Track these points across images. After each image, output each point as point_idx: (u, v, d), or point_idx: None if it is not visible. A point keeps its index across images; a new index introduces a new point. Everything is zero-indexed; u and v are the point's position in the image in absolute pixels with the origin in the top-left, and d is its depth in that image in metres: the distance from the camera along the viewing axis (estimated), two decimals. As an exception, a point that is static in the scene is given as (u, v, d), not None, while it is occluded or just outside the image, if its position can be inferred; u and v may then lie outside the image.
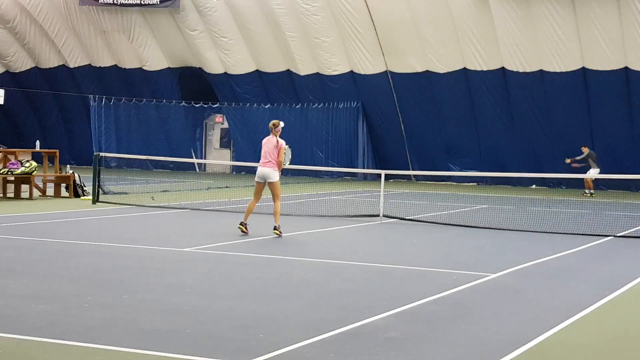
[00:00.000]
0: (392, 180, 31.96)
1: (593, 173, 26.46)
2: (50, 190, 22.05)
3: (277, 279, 10.32)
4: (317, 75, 33.56)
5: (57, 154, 22.90)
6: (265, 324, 7.73)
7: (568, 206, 22.90)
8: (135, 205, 19.56)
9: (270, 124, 14.71)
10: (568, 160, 27.08)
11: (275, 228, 14.44)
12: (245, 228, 14.54)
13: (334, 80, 33.29)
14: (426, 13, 30.30)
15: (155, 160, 32.36)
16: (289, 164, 15.58)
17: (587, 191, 26.75)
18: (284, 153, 14.66)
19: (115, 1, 35.26)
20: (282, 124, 14.73)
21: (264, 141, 14.79)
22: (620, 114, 29.06)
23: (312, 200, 21.94)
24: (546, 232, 16.10)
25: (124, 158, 33.57)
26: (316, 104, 33.75)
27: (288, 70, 34.23)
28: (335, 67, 32.99)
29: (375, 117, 33.20)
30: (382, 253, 13.23)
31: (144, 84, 37.31)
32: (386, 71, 32.36)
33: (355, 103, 33.05)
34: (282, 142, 14.62)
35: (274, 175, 14.45)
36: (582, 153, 27.14)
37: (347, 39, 32.18)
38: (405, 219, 17.91)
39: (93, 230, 15.08)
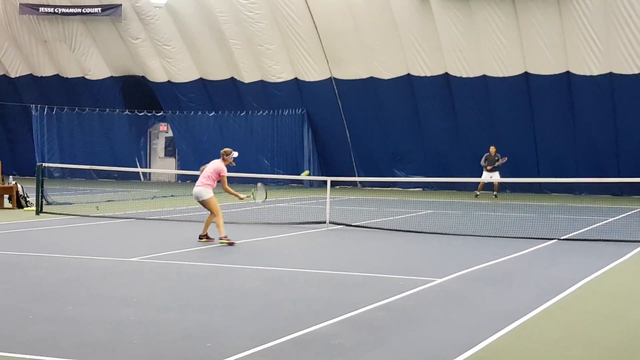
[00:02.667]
0: (338, 186, 32.07)
1: (498, 177, 27.09)
2: (-9, 202, 21.62)
3: (222, 289, 10.28)
4: (262, 82, 33.52)
5: (-1, 165, 22.49)
6: (211, 334, 7.69)
7: (513, 210, 23.23)
8: (79, 215, 19.30)
9: (222, 151, 14.95)
10: (503, 160, 27.47)
11: (220, 239, 14.43)
12: (207, 238, 14.70)
13: (279, 87, 33.29)
14: (369, 20, 30.49)
15: (99, 169, 31.91)
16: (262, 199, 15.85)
17: (478, 193, 27.38)
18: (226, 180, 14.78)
19: (56, 10, 34.75)
20: (235, 153, 14.92)
21: (210, 163, 14.94)
22: (563, 117, 29.56)
23: (257, 208, 21.88)
24: (491, 237, 16.30)
25: (68, 168, 33.06)
26: (261, 112, 33.71)
27: (232, 77, 34.13)
28: (279, 74, 32.99)
29: (320, 124, 33.28)
30: (329, 260, 13.26)
31: (86, 93, 36.83)
32: (330, 78, 32.47)
33: (300, 110, 33.09)
34: (224, 171, 14.65)
35: (205, 194, 14.62)
36: (492, 153, 27.43)
37: (291, 46, 32.21)
38: (351, 226, 17.98)
39: (37, 241, 14.84)
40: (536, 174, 29.49)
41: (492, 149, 27.47)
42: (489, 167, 27.11)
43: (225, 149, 14.98)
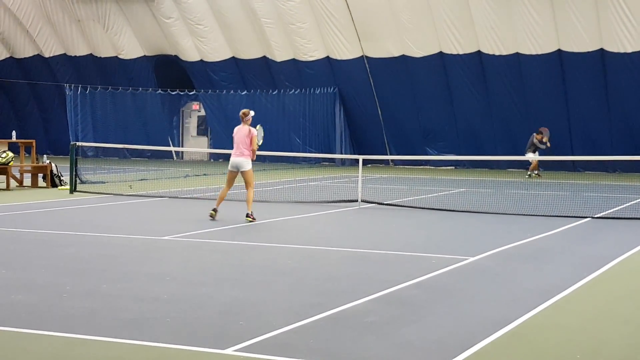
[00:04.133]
0: (369, 165, 32.02)
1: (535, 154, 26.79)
2: (27, 181, 21.88)
3: (256, 266, 10.32)
4: (294, 61, 33.47)
5: (34, 144, 22.73)
6: (245, 311, 7.73)
7: (546, 188, 23.03)
8: (113, 194, 19.47)
9: (241, 113, 14.87)
10: (548, 144, 27.21)
11: (247, 215, 14.52)
12: (215, 214, 14.66)
13: (311, 66, 33.22)
14: (402, -3, 30.28)
15: (132, 148, 32.15)
16: (262, 143, 15.60)
17: (535, 172, 27.03)
18: (256, 136, 14.87)
19: (89, -10, 34.94)
20: (252, 112, 14.92)
21: (235, 130, 14.95)
22: (597, 95, 29.22)
23: (289, 187, 21.92)
24: (524, 215, 16.19)
25: (101, 147, 33.34)
26: (293, 90, 33.69)
27: (264, 56, 34.12)
28: (311, 52, 32.92)
29: (352, 103, 33.20)
30: (361, 238, 13.25)
31: (119, 72, 37.06)
32: (362, 56, 32.33)
33: (332, 89, 33.01)
34: (253, 130, 14.80)
35: (246, 165, 14.67)
36: (538, 139, 27.07)
37: (322, 24, 32.11)
38: (383, 204, 17.95)
39: (71, 220, 15.00)
40: (570, 152, 29.23)
41: (538, 137, 27.24)
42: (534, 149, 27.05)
43: (243, 110, 14.93)
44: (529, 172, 27.08)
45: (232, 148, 15.19)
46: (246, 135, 14.68)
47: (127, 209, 16.90)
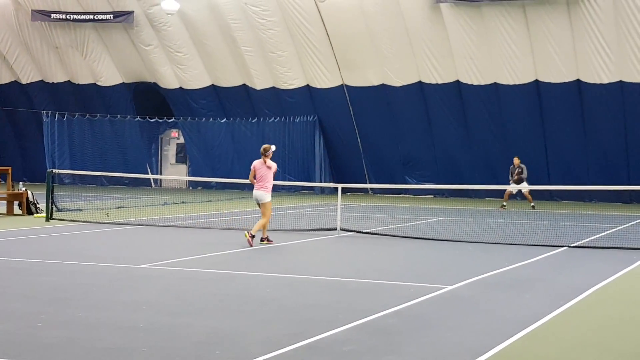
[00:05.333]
0: (349, 193, 32.04)
1: (526, 185, 26.44)
2: (2, 208, 21.69)
3: (234, 295, 10.26)
4: (274, 89, 33.56)
5: (10, 171, 22.54)
6: (222, 341, 7.68)
7: (523, 217, 23.15)
8: (90, 222, 19.33)
9: (262, 149, 15.77)
10: (516, 177, 26.83)
11: (262, 239, 15.56)
12: (267, 240, 15.70)
13: (291, 94, 33.32)
14: (381, 27, 30.50)
15: (110, 176, 32.02)
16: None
17: (532, 205, 26.51)
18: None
19: (67, 17, 34.90)
20: (273, 147, 15.91)
21: (257, 165, 15.67)
22: (573, 125, 29.48)
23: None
24: (502, 244, 16.24)
25: (78, 174, 33.16)
26: (272, 118, 33.74)
27: (244, 84, 34.19)
28: (291, 81, 33.03)
29: (332, 131, 33.29)
30: (340, 267, 13.23)
31: (98, 99, 36.96)
32: (342, 85, 32.48)
33: (311, 117, 33.10)
34: (274, 165, 15.77)
35: (266, 197, 15.58)
36: (516, 165, 26.74)
37: (303, 53, 32.25)
38: (362, 232, 17.94)
39: (47, 248, 14.86)
40: (547, 181, 29.41)
41: (516, 160, 26.87)
42: (515, 177, 26.60)
43: (265, 146, 15.78)
44: (531, 204, 26.56)
45: (211, 175, 15.51)
46: (273, 171, 15.68)
47: (104, 237, 16.78)
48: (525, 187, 26.21)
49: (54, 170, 21.92)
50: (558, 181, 28.64)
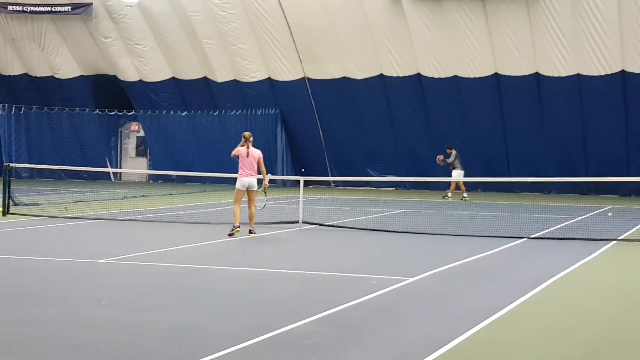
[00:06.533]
0: (311, 186, 32.00)
1: (457, 175, 26.53)
2: (-42, 203, 21.29)
3: (196, 289, 10.17)
4: (235, 82, 33.38)
5: (-34, 165, 22.13)
6: (184, 335, 7.60)
7: (484, 209, 23.32)
8: (48, 216, 19.06)
9: (247, 135, 15.99)
10: (441, 157, 27.04)
11: (250, 231, 15.76)
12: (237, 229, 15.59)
13: (252, 87, 33.18)
14: (343, 20, 30.49)
15: (68, 170, 31.58)
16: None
17: (465, 195, 26.67)
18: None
19: (25, 8, 34.35)
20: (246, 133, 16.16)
21: (244, 152, 15.78)
22: (532, 118, 29.77)
23: (230, 208, 21.74)
24: (463, 235, 16.34)
25: (36, 168, 32.71)
26: (234, 111, 33.57)
27: (205, 77, 33.96)
28: (253, 73, 32.89)
29: (293, 124, 33.22)
30: (302, 259, 13.20)
31: (56, 92, 36.44)
32: (304, 78, 32.42)
33: (273, 110, 33.00)
34: (260, 152, 16.01)
35: (256, 184, 15.95)
36: (449, 154, 27.05)
37: (264, 45, 32.12)
38: (324, 225, 17.93)
39: (3, 243, 14.61)
40: (507, 173, 29.68)
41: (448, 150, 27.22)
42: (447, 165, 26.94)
43: (245, 134, 16.10)
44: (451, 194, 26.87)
45: (172, 168, 15.42)
46: (256, 157, 15.86)
47: (63, 232, 16.55)
48: (453, 177, 26.20)
49: (11, 165, 21.58)
50: (518, 173, 28.92)
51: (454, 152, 26.93)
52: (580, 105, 28.97)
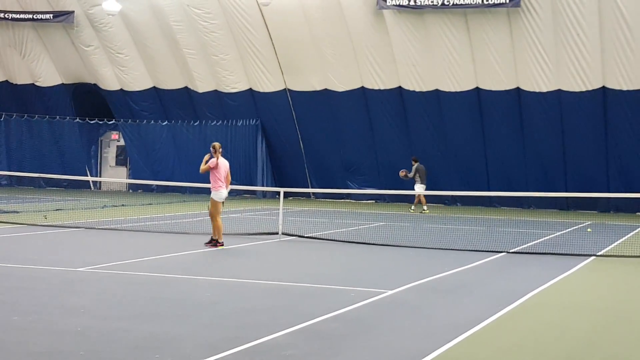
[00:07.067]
0: (291, 198, 32.01)
1: (419, 189, 26.72)
2: None
3: (173, 299, 10.15)
4: (216, 92, 33.37)
5: (-56, 172, 22.00)
6: (161, 345, 7.58)
7: (463, 223, 23.40)
8: (27, 224, 18.94)
9: (217, 145, 15.83)
10: (403, 173, 27.21)
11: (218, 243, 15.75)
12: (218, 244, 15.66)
13: (233, 97, 33.17)
14: (324, 32, 30.57)
15: (48, 178, 31.43)
16: None
17: (424, 208, 26.87)
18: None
19: (6, 15, 34.20)
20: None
21: (221, 164, 15.83)
22: (512, 133, 29.91)
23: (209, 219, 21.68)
24: (442, 249, 16.39)
25: (15, 176, 32.50)
26: (215, 122, 33.54)
27: (186, 87, 33.92)
28: (234, 84, 32.89)
29: (274, 135, 33.23)
30: (281, 271, 13.20)
31: (36, 100, 36.26)
32: (285, 89, 32.45)
33: (254, 121, 32.99)
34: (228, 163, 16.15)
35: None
36: (412, 166, 27.29)
37: (245, 56, 32.15)
38: (304, 237, 17.94)
39: (-19, 250, 14.51)
40: (486, 187, 29.81)
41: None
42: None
43: (215, 144, 15.88)
44: (423, 208, 27.05)
45: (152, 178, 15.40)
46: (227, 170, 16.04)
47: (42, 240, 16.46)
48: (416, 190, 26.48)
49: (-10, 172, 21.42)
50: (497, 187, 29.06)
51: (414, 165, 27.11)
52: (560, 121, 29.15)
